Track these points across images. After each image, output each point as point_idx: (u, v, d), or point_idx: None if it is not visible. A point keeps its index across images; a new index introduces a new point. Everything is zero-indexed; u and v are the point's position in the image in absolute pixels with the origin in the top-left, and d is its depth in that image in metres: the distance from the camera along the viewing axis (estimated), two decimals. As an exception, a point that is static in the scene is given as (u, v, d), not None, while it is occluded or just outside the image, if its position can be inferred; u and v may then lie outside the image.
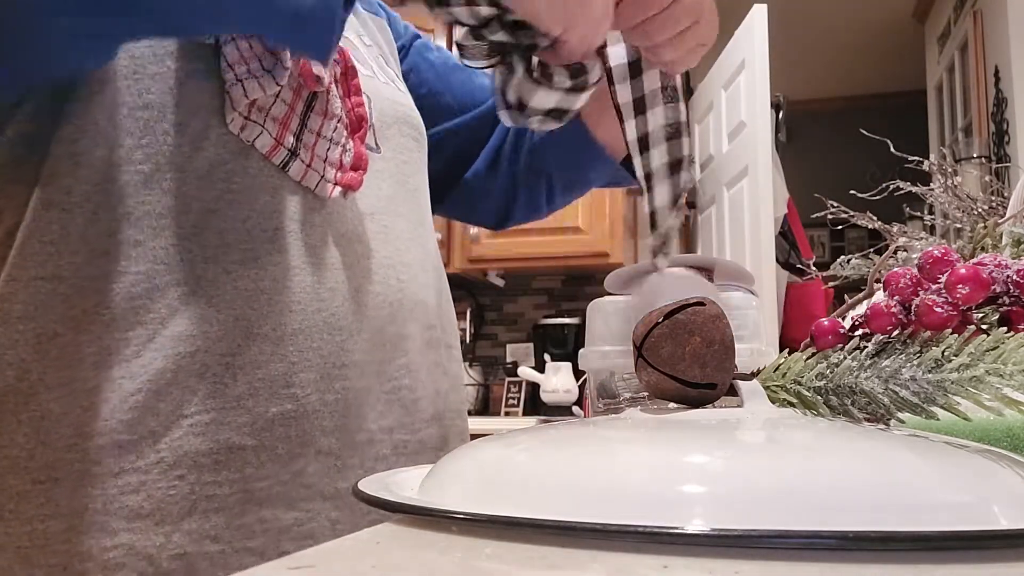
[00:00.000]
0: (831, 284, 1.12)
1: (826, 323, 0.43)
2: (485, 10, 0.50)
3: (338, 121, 0.62)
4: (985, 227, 0.54)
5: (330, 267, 0.62)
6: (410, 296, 0.69)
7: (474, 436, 0.55)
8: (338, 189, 0.62)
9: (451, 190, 0.90)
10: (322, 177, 0.61)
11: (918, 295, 0.41)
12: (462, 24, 0.52)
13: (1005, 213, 0.94)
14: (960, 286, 0.39)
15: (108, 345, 0.55)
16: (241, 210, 0.58)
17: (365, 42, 0.77)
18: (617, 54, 0.57)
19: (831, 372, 0.41)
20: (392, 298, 0.67)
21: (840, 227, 1.22)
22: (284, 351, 0.59)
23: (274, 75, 0.57)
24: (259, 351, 0.58)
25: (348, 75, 0.64)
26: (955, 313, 0.39)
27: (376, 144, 0.70)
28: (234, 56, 0.56)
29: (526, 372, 2.67)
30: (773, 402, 0.41)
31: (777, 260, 2.76)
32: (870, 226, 1.07)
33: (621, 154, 0.81)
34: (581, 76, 0.56)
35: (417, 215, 0.75)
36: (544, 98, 0.56)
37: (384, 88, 0.73)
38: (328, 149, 0.62)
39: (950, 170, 1.09)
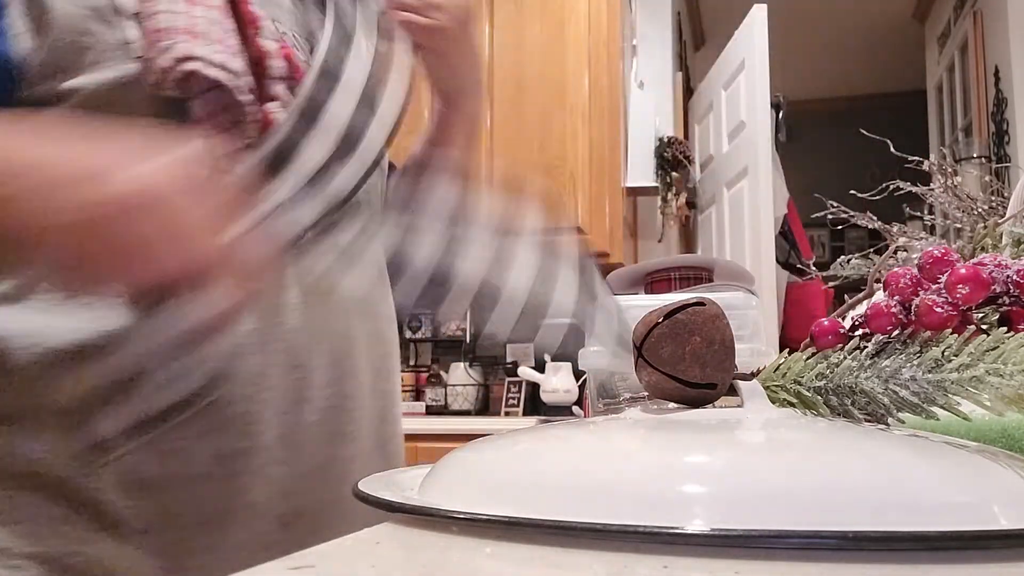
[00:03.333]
0: (831, 284, 1.12)
1: (826, 323, 0.43)
2: None
3: None
4: (985, 227, 0.54)
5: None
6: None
7: (474, 436, 0.55)
8: None
9: None
10: None
11: (918, 295, 0.41)
12: None
13: (1005, 213, 0.94)
14: (960, 286, 0.39)
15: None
16: None
17: None
18: None
19: (831, 372, 0.41)
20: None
21: (840, 227, 1.22)
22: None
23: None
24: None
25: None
26: (955, 313, 0.39)
27: None
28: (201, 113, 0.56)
29: (526, 372, 2.66)
30: (773, 402, 0.41)
31: (777, 260, 2.76)
32: (870, 226, 1.07)
33: None
34: None
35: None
36: None
37: None
38: None
39: (950, 170, 1.09)
